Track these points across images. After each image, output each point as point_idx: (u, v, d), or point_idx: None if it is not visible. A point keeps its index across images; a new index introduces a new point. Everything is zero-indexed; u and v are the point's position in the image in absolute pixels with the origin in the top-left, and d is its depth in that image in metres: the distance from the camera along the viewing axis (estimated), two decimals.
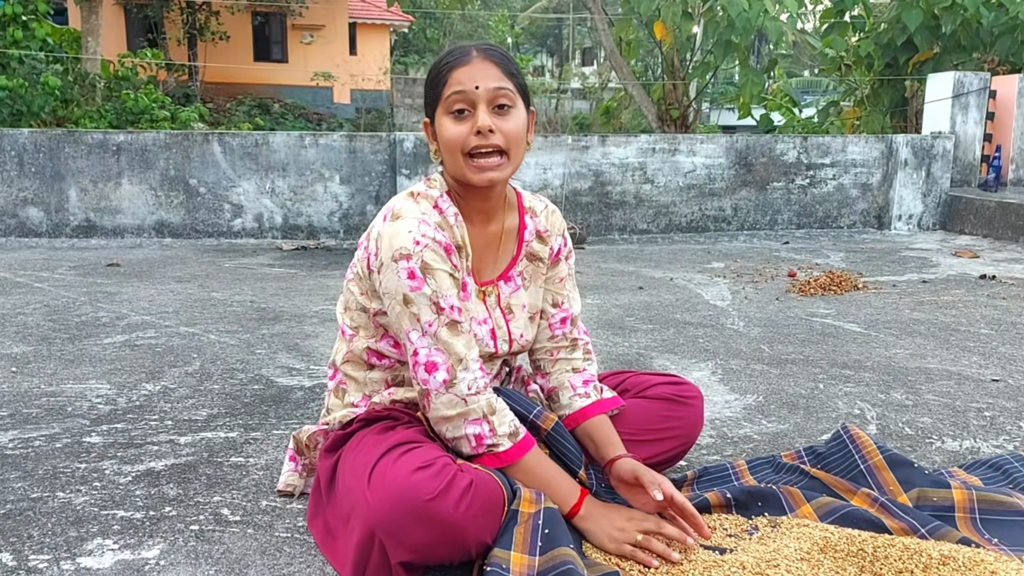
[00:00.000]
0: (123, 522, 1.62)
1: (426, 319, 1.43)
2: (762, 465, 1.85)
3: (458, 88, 1.46)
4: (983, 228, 6.28)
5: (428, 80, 1.53)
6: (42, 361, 2.80)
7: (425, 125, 1.58)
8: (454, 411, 1.43)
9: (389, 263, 1.44)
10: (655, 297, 4.01)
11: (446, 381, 1.42)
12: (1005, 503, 1.57)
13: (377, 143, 6.06)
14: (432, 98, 1.52)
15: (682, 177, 6.50)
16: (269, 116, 16.92)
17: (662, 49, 11.93)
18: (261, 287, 4.19)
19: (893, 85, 9.23)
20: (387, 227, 1.47)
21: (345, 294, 1.64)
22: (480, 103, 1.46)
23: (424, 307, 1.43)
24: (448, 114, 1.48)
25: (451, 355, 1.43)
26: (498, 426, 1.44)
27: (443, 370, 1.43)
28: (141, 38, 17.16)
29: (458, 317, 1.45)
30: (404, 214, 1.48)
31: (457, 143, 1.47)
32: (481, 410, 1.43)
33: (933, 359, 2.88)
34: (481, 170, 1.48)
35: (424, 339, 1.43)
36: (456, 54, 1.50)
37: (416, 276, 1.42)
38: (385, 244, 1.45)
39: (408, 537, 1.29)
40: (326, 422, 1.64)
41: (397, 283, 1.43)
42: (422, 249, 1.43)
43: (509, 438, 1.45)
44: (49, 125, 9.15)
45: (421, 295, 1.42)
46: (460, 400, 1.43)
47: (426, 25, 27.40)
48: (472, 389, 1.43)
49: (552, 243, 1.70)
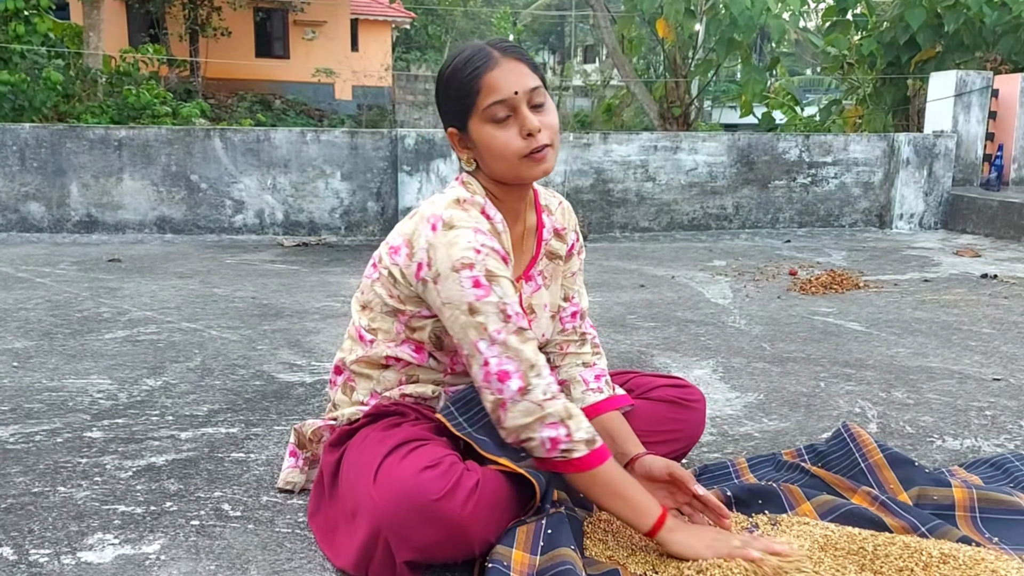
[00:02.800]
0: (124, 517, 1.62)
1: (494, 327, 1.39)
2: (763, 463, 1.85)
3: (498, 97, 1.41)
4: (985, 227, 6.28)
5: (452, 90, 1.46)
6: (44, 356, 2.80)
7: (451, 135, 1.51)
8: (532, 418, 1.38)
9: (449, 273, 1.39)
10: (657, 295, 4.01)
11: (521, 388, 1.38)
12: (1006, 502, 1.56)
13: (379, 140, 6.06)
14: (462, 108, 1.45)
15: (684, 175, 6.50)
16: (271, 112, 16.91)
17: (664, 47, 11.92)
18: (263, 283, 4.19)
19: (895, 84, 9.23)
20: (441, 237, 1.42)
21: (367, 294, 1.59)
22: (521, 106, 1.43)
23: (492, 316, 1.39)
24: (489, 122, 1.44)
25: (523, 361, 1.39)
26: (575, 431, 1.38)
27: (516, 378, 1.38)
28: (143, 33, 17.14)
29: (524, 324, 1.42)
30: (458, 223, 1.43)
31: (510, 150, 1.44)
32: (559, 414, 1.38)
33: (934, 358, 2.88)
34: (536, 164, 1.45)
35: (494, 348, 1.39)
36: (480, 59, 1.43)
37: (482, 284, 1.39)
38: (442, 254, 1.41)
39: (414, 537, 1.29)
40: (332, 417, 1.63)
41: (461, 293, 1.39)
42: (484, 257, 1.40)
43: (586, 444, 1.39)
44: (51, 120, 9.15)
45: (488, 303, 1.38)
46: (537, 406, 1.38)
47: (428, 22, 27.40)
48: (548, 394, 1.39)
49: (568, 239, 1.70)
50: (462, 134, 1.49)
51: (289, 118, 17.02)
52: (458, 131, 1.50)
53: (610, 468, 1.41)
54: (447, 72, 1.47)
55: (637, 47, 13.37)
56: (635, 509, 1.40)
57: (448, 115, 1.50)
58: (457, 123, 1.48)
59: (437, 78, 1.51)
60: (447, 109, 1.50)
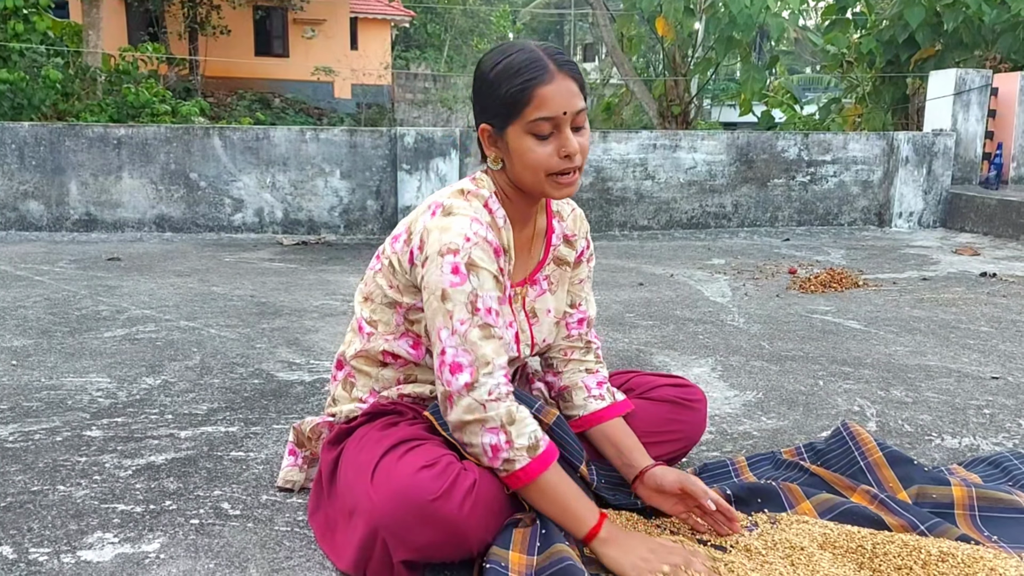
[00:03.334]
0: (123, 515, 1.62)
1: (459, 317, 1.38)
2: (762, 461, 1.85)
3: (547, 114, 1.40)
4: (984, 226, 6.28)
5: (500, 91, 1.42)
6: (42, 354, 2.80)
7: (483, 131, 1.48)
8: (472, 416, 1.37)
9: (435, 256, 1.40)
10: (655, 293, 4.01)
11: (468, 384, 1.37)
12: (1005, 500, 1.57)
13: (378, 138, 6.05)
14: (506, 112, 1.43)
15: (683, 173, 6.49)
16: (270, 111, 16.89)
17: (664, 45, 11.91)
18: (261, 282, 4.19)
19: (895, 82, 9.23)
20: (437, 221, 1.43)
21: (369, 285, 1.59)
22: (565, 126, 1.42)
23: (460, 305, 1.38)
24: (531, 135, 1.42)
25: (478, 358, 1.38)
26: (516, 437, 1.36)
27: (467, 372, 1.37)
28: (142, 32, 17.13)
29: (492, 321, 1.40)
30: (456, 211, 1.44)
31: (543, 165, 1.43)
32: (500, 418, 1.37)
33: (933, 356, 2.88)
34: (563, 187, 1.46)
35: (453, 338, 1.38)
36: (536, 69, 1.40)
37: (459, 272, 1.38)
38: (433, 238, 1.41)
39: (411, 537, 1.29)
40: (331, 413, 1.64)
41: (439, 277, 1.39)
42: (471, 246, 1.40)
43: (528, 451, 1.37)
44: (50, 119, 9.14)
45: (460, 291, 1.38)
46: (479, 405, 1.37)
47: (427, 20, 27.38)
48: (493, 395, 1.37)
49: (578, 246, 1.69)
50: (496, 134, 1.47)
51: (288, 116, 17.01)
52: (492, 129, 1.47)
53: (552, 476, 1.39)
54: (496, 70, 1.44)
55: (636, 45, 13.37)
56: (573, 517, 1.38)
57: (487, 112, 1.47)
58: (496, 123, 1.46)
59: (480, 71, 1.47)
60: (487, 106, 1.46)
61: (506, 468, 1.37)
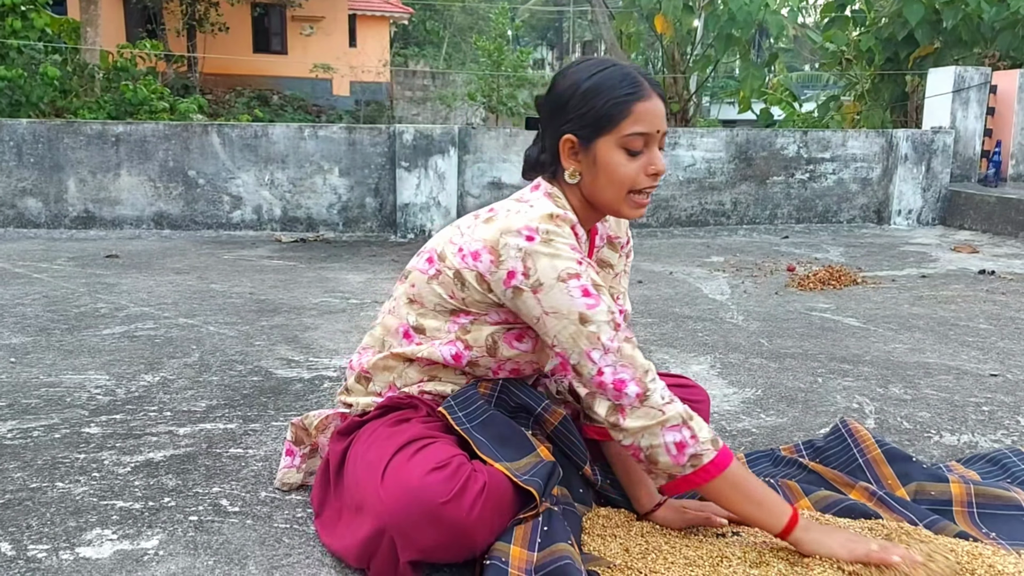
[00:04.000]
0: (122, 512, 1.62)
1: (607, 336, 1.39)
2: (761, 459, 1.85)
3: (643, 130, 1.41)
4: (983, 223, 6.28)
5: (597, 102, 1.42)
6: (41, 352, 2.79)
7: (565, 142, 1.46)
8: (653, 421, 1.38)
9: (555, 283, 1.38)
10: (654, 291, 4.01)
11: (639, 395, 1.38)
12: (1003, 497, 1.57)
13: (376, 135, 6.05)
14: (600, 124, 1.42)
15: (682, 171, 6.49)
16: (268, 108, 16.87)
17: (663, 42, 11.90)
18: (260, 279, 4.19)
19: (894, 80, 9.23)
20: (541, 247, 1.40)
21: (420, 288, 1.54)
22: (654, 145, 1.44)
23: (604, 325, 1.39)
24: (621, 149, 1.43)
25: (637, 368, 1.39)
26: (699, 431, 1.38)
27: (634, 384, 1.38)
28: (140, 29, 17.11)
29: (631, 333, 1.42)
30: (556, 237, 1.41)
31: (630, 181, 1.44)
32: (680, 416, 1.38)
33: (932, 354, 2.89)
34: (640, 207, 1.47)
35: (608, 356, 1.38)
36: (635, 85, 1.42)
37: (591, 294, 1.39)
38: (545, 264, 1.39)
39: (420, 538, 1.29)
40: (347, 403, 1.62)
41: (570, 303, 1.38)
42: (587, 269, 1.41)
43: (712, 444, 1.39)
44: (48, 116, 9.12)
45: (599, 312, 1.39)
46: (658, 411, 1.38)
47: (426, 17, 27.36)
48: (666, 399, 1.40)
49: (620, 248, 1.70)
50: (580, 146, 1.45)
51: (287, 114, 16.99)
52: (577, 141, 1.45)
53: (739, 468, 1.40)
54: (592, 81, 1.43)
55: (635, 43, 13.35)
56: (771, 510, 1.38)
57: (574, 123, 1.44)
58: (583, 134, 1.44)
59: (569, 81, 1.45)
60: (577, 115, 1.44)
61: (694, 463, 1.38)
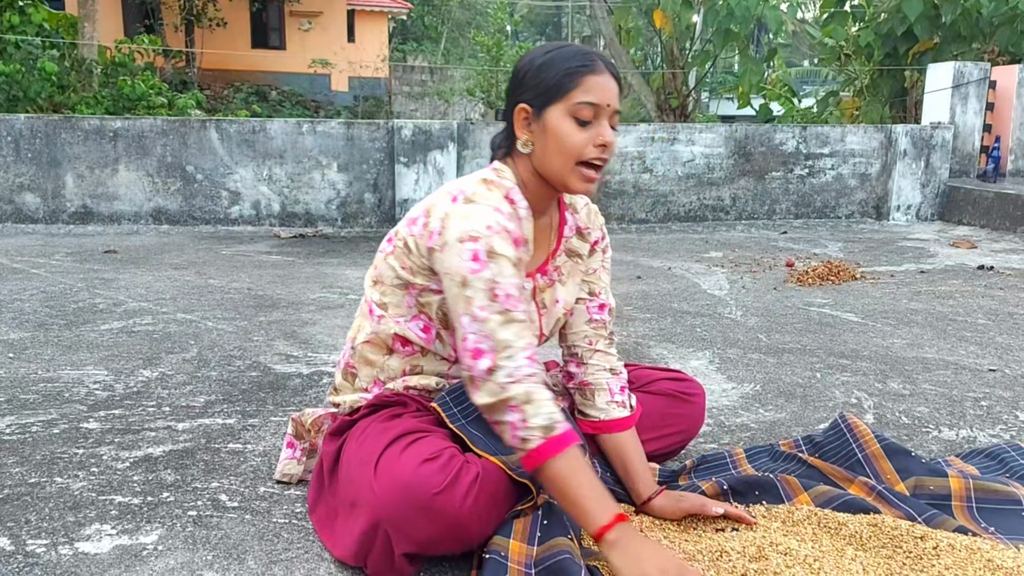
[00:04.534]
0: (121, 507, 1.62)
1: (479, 303, 1.39)
2: (760, 454, 1.85)
3: (592, 100, 1.44)
4: (981, 219, 6.28)
5: (550, 71, 1.46)
6: (39, 347, 2.79)
7: (519, 111, 1.50)
8: (495, 398, 1.38)
9: (454, 243, 1.40)
10: (653, 286, 4.01)
11: (489, 368, 1.38)
12: (1001, 492, 1.57)
13: (375, 131, 6.04)
14: (552, 92, 1.45)
15: (681, 166, 6.49)
16: (266, 103, 16.85)
17: (661, 38, 11.88)
18: (258, 274, 4.19)
19: (893, 75, 9.22)
20: (458, 208, 1.44)
21: (380, 268, 1.59)
22: (604, 119, 1.46)
23: (480, 292, 1.39)
24: (571, 117, 1.45)
25: (498, 343, 1.38)
26: (531, 417, 1.35)
27: (487, 358, 1.38)
28: (138, 24, 17.06)
29: (512, 306, 1.41)
30: (478, 199, 1.45)
31: (576, 150, 1.45)
32: (518, 398, 1.37)
33: (930, 349, 2.89)
34: (588, 180, 1.48)
35: (474, 324, 1.39)
36: (588, 60, 1.46)
37: (479, 259, 1.39)
38: (454, 224, 1.42)
39: (414, 530, 1.29)
40: (335, 403, 1.63)
41: (459, 264, 1.40)
42: (492, 234, 1.40)
43: (542, 431, 1.35)
44: (46, 111, 9.11)
45: (479, 278, 1.39)
46: (499, 387, 1.37)
47: (424, 12, 27.29)
48: (513, 378, 1.37)
49: (592, 238, 1.70)
50: (533, 116, 1.48)
51: (285, 109, 16.97)
52: (530, 111, 1.48)
53: (562, 463, 1.34)
54: (547, 56, 1.48)
55: (634, 38, 13.32)
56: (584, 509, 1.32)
57: (528, 92, 1.48)
58: (536, 103, 1.47)
59: (527, 59, 1.51)
60: (531, 86, 1.48)
61: (522, 447, 1.36)
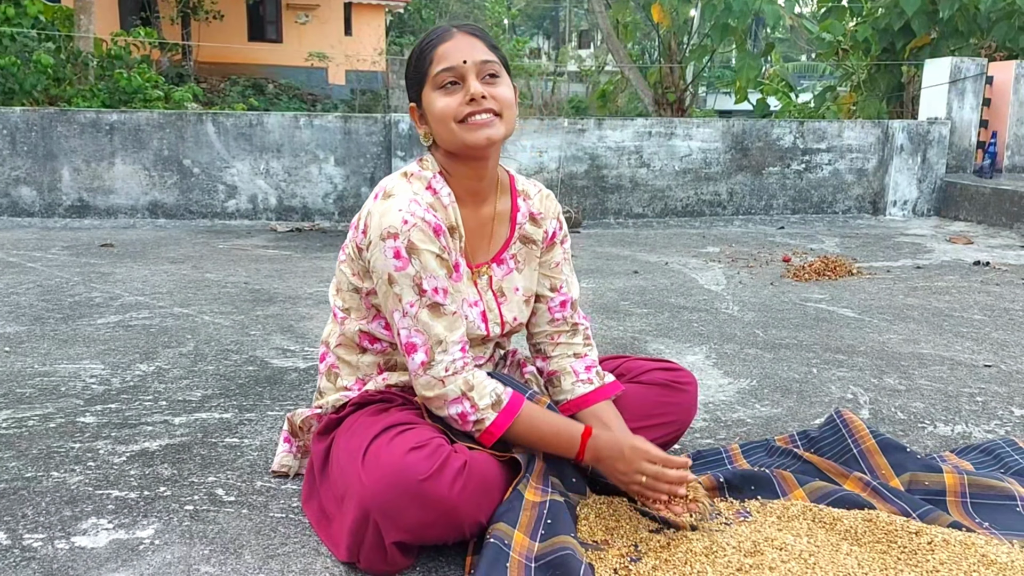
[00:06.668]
0: (117, 502, 1.62)
1: (408, 299, 1.43)
2: (755, 449, 1.86)
3: (446, 65, 1.46)
4: (978, 214, 6.29)
5: (411, 64, 1.53)
6: (35, 341, 2.79)
7: (412, 110, 1.56)
8: (432, 392, 1.44)
9: (377, 242, 1.44)
10: (650, 281, 4.01)
11: (424, 363, 1.43)
12: (996, 487, 1.58)
13: (372, 124, 6.03)
14: (417, 80, 1.52)
15: (678, 161, 6.49)
16: (263, 97, 16.79)
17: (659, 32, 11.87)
18: (255, 268, 4.18)
19: (890, 70, 9.21)
20: (377, 206, 1.47)
21: (337, 275, 1.63)
22: (469, 75, 1.47)
23: (407, 288, 1.43)
24: (437, 89, 1.48)
25: (430, 336, 1.43)
26: (478, 400, 1.44)
27: (421, 352, 1.43)
28: (134, 16, 16.97)
29: (441, 299, 1.44)
30: (396, 193, 1.48)
31: (449, 113, 1.47)
32: (458, 389, 1.43)
33: (926, 344, 2.89)
34: (477, 127, 1.47)
35: (405, 320, 1.44)
36: (436, 32, 1.51)
37: (401, 256, 1.42)
38: (375, 223, 1.45)
39: (402, 517, 1.30)
40: (319, 405, 1.65)
41: (384, 263, 1.43)
42: (409, 229, 1.42)
43: (492, 408, 1.45)
44: (41, 104, 9.07)
45: (404, 275, 1.42)
46: (437, 381, 1.43)
47: (422, 5, 27.21)
48: (449, 371, 1.43)
49: (546, 226, 1.69)
50: (419, 108, 1.54)
51: (282, 102, 16.91)
52: (417, 106, 1.55)
53: (525, 419, 1.47)
54: (411, 53, 1.55)
55: (632, 32, 13.32)
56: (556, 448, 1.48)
57: (410, 91, 1.55)
58: (416, 97, 1.54)
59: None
60: (409, 85, 1.55)
61: (478, 429, 1.45)
